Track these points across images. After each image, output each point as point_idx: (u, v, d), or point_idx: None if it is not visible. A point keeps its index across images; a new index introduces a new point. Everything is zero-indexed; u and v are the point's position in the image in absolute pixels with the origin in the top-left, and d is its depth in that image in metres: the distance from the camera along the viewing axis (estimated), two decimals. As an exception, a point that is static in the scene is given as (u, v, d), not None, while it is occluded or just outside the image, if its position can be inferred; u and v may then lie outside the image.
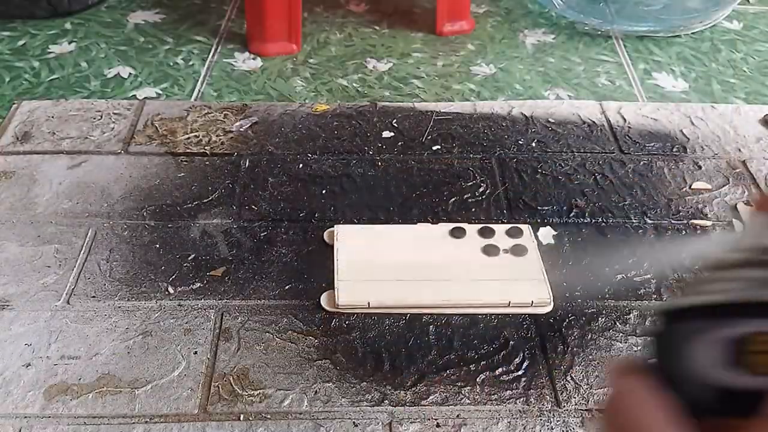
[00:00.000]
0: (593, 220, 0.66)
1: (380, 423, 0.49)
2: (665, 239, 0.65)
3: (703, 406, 0.19)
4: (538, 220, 0.66)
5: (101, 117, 0.78)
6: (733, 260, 0.20)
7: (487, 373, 0.53)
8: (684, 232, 0.66)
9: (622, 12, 1.01)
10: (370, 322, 0.56)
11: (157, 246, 0.63)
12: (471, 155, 0.74)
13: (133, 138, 0.75)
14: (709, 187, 0.71)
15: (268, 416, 0.50)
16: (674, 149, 0.76)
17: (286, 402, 0.50)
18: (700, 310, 0.19)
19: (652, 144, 0.76)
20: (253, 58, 0.92)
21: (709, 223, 0.67)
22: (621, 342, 0.56)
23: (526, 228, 0.63)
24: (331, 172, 0.71)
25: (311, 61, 0.92)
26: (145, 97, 0.83)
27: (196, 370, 0.52)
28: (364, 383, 0.52)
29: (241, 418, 0.49)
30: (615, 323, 0.57)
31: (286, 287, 0.59)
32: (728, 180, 0.72)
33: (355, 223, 0.65)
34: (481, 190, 0.69)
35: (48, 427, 0.49)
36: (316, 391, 0.51)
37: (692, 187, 0.71)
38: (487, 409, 0.50)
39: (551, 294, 0.57)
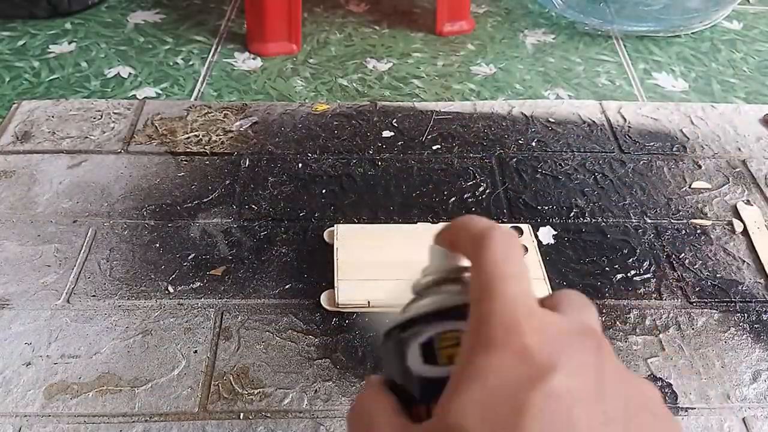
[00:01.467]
0: (593, 220, 0.66)
1: (380, 422, 0.49)
2: (663, 238, 0.65)
3: (416, 398, 0.24)
4: (538, 220, 0.66)
5: (101, 117, 0.78)
6: (425, 283, 0.27)
7: (487, 372, 0.53)
8: (684, 231, 0.66)
9: (622, 12, 1.01)
10: (370, 321, 0.56)
11: (157, 245, 0.63)
12: (471, 155, 0.74)
13: (133, 137, 0.75)
14: (709, 186, 0.71)
15: (268, 415, 0.50)
16: (674, 149, 0.76)
17: (286, 401, 0.50)
18: (402, 325, 0.25)
19: (652, 143, 0.76)
20: (253, 58, 0.92)
21: (708, 222, 0.67)
22: (621, 341, 0.56)
23: (526, 227, 0.63)
24: (331, 172, 0.71)
25: (311, 61, 0.92)
26: (145, 97, 0.83)
27: (196, 368, 0.52)
28: (364, 382, 0.52)
29: (241, 416, 0.49)
30: (615, 322, 0.57)
31: (286, 286, 0.59)
32: (728, 179, 0.72)
33: (355, 223, 0.65)
34: (481, 189, 0.69)
35: (48, 426, 0.49)
36: (316, 390, 0.51)
37: (692, 186, 0.71)
38: (487, 408, 0.50)
39: (551, 293, 0.57)
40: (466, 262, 0.27)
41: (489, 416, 0.22)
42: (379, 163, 0.72)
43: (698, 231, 0.66)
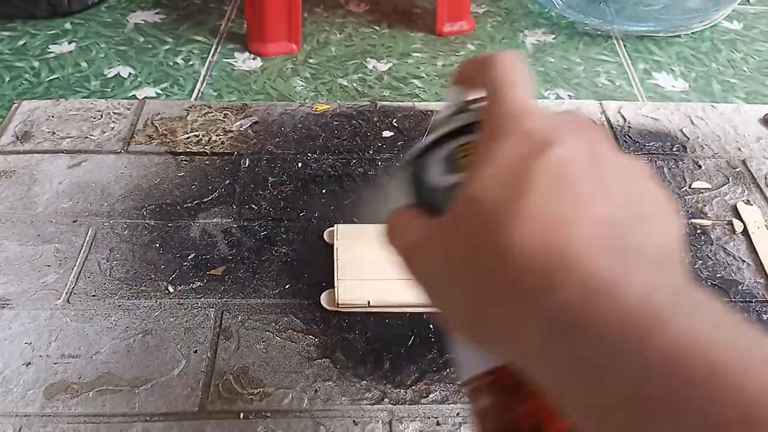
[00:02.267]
0: (593, 220, 0.66)
1: (380, 421, 0.49)
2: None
3: (439, 208, 0.27)
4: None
5: (101, 116, 0.78)
6: (442, 116, 0.30)
7: (487, 371, 0.53)
8: (684, 231, 0.66)
9: (622, 12, 1.01)
10: (370, 321, 0.56)
11: (157, 245, 0.63)
12: (471, 155, 0.74)
13: (133, 137, 0.75)
14: (709, 186, 0.71)
15: (268, 415, 0.50)
16: (674, 149, 0.76)
17: (286, 400, 0.50)
18: (427, 147, 0.29)
19: (652, 143, 0.76)
20: (253, 58, 0.92)
21: (709, 222, 0.67)
22: (621, 341, 0.56)
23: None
24: (331, 172, 0.71)
25: (311, 61, 0.92)
26: (145, 97, 0.83)
27: (196, 368, 0.52)
28: (365, 382, 0.52)
29: (241, 416, 0.49)
30: (615, 322, 0.57)
31: (286, 286, 0.59)
32: (728, 179, 0.72)
33: (355, 223, 0.65)
34: (481, 189, 0.69)
35: (48, 426, 0.49)
36: (316, 390, 0.51)
37: (692, 186, 0.71)
38: (487, 408, 0.50)
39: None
40: (478, 95, 0.30)
41: (502, 184, 0.26)
42: (380, 163, 0.72)
43: (698, 231, 0.66)
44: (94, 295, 0.58)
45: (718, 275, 0.61)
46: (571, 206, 0.25)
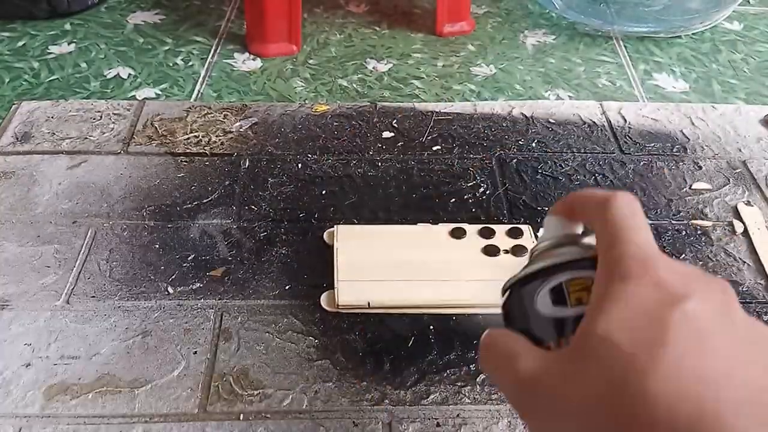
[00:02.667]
0: (593, 220, 0.66)
1: (380, 422, 0.49)
2: (665, 239, 0.65)
3: (544, 339, 0.28)
4: (539, 220, 0.66)
5: (101, 117, 0.78)
6: (545, 246, 0.31)
7: (488, 373, 0.53)
8: (684, 232, 0.66)
9: (622, 13, 1.01)
10: (370, 323, 0.56)
11: (157, 246, 0.62)
12: (471, 155, 0.74)
13: (133, 138, 0.75)
14: (710, 187, 0.71)
15: (268, 416, 0.49)
16: (674, 149, 0.76)
17: (286, 402, 0.50)
18: (534, 275, 0.29)
19: (653, 144, 0.76)
20: (253, 59, 0.92)
21: (709, 223, 0.67)
22: (621, 342, 0.55)
23: (526, 228, 0.63)
24: (331, 173, 0.71)
25: (311, 61, 0.92)
26: (144, 98, 0.83)
27: (196, 369, 0.52)
28: (364, 383, 0.52)
29: (241, 417, 0.49)
30: (615, 323, 0.57)
31: (286, 287, 0.59)
32: (729, 180, 0.72)
33: (355, 224, 0.65)
34: (481, 190, 0.69)
35: (48, 427, 0.48)
36: (316, 391, 0.51)
37: (692, 187, 0.71)
38: (487, 409, 0.50)
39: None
40: (579, 230, 0.31)
41: (634, 329, 0.25)
42: (379, 164, 0.72)
43: (699, 232, 0.66)
44: (93, 296, 0.58)
45: (718, 276, 0.61)
46: (713, 364, 0.25)
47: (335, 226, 0.63)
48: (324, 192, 0.69)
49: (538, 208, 0.67)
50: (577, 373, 0.26)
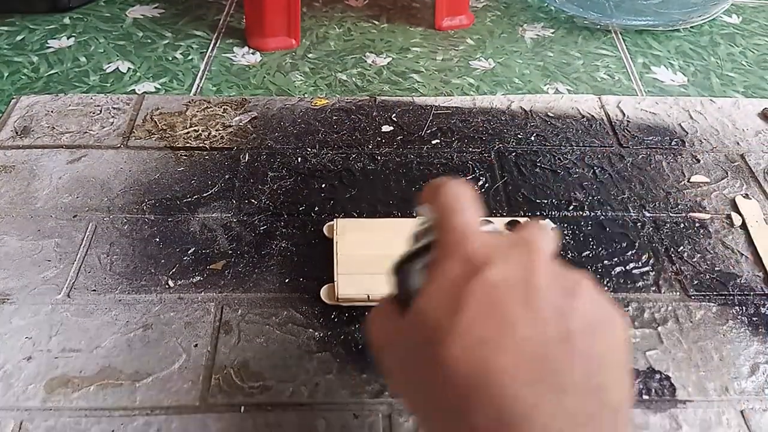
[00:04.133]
0: (592, 213, 0.67)
1: (380, 414, 0.50)
2: (663, 232, 0.65)
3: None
4: (537, 213, 0.66)
5: (100, 111, 0.78)
6: (419, 230, 0.37)
7: (487, 365, 0.53)
8: (682, 224, 0.66)
9: (621, 6, 1.01)
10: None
11: (157, 240, 0.63)
12: (470, 149, 0.74)
13: (133, 132, 0.75)
14: (708, 180, 0.71)
15: (269, 408, 0.50)
16: (673, 143, 0.76)
17: (287, 394, 0.51)
18: (408, 257, 0.35)
19: (651, 138, 0.76)
20: (252, 53, 0.92)
21: (707, 216, 0.67)
22: (620, 334, 0.56)
23: (525, 221, 0.63)
24: (331, 166, 0.71)
25: (310, 55, 0.92)
26: (144, 92, 0.83)
27: (197, 362, 0.53)
28: (365, 375, 0.52)
29: (242, 409, 0.50)
30: (614, 315, 0.57)
31: (286, 280, 0.59)
32: (727, 173, 0.72)
33: (354, 217, 0.65)
34: (480, 183, 0.70)
35: (49, 420, 0.49)
36: (316, 383, 0.51)
37: (691, 180, 0.71)
38: (487, 401, 0.50)
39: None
40: None
41: (440, 302, 0.29)
42: (379, 158, 0.72)
43: (697, 224, 0.66)
44: (94, 290, 0.58)
45: (716, 268, 0.62)
46: (498, 327, 0.28)
47: (335, 220, 0.63)
48: (324, 185, 0.69)
49: (537, 201, 0.68)
50: (405, 337, 0.31)
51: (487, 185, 0.69)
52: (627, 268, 0.61)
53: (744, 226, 0.66)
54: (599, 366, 0.28)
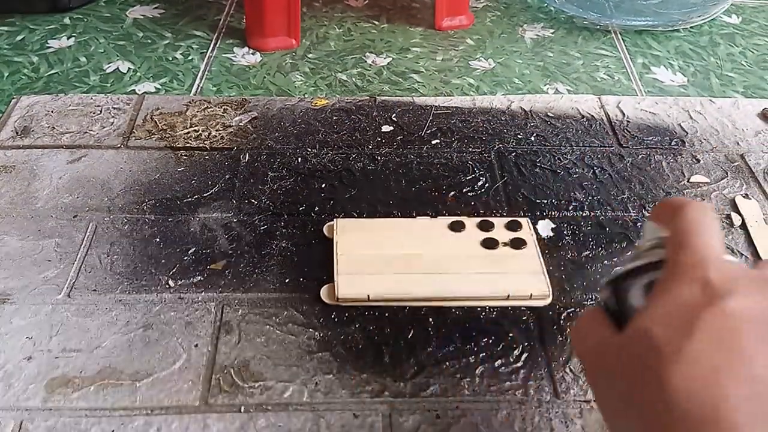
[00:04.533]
0: (592, 213, 0.67)
1: (380, 414, 0.50)
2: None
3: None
4: (537, 213, 0.66)
5: (101, 111, 0.78)
6: (643, 248, 0.36)
7: (486, 365, 0.53)
8: None
9: (620, 6, 1.01)
10: (370, 315, 0.56)
11: (158, 240, 0.63)
12: (470, 149, 0.74)
13: (133, 132, 0.75)
14: (708, 180, 0.71)
15: (269, 408, 0.50)
16: (672, 143, 0.76)
17: (287, 394, 0.51)
18: (630, 273, 0.34)
19: (651, 138, 0.76)
20: (253, 53, 0.92)
21: (707, 216, 0.67)
22: (619, 334, 0.56)
23: (524, 221, 0.63)
24: (331, 167, 0.71)
25: (310, 56, 0.92)
26: (144, 92, 0.83)
27: (197, 362, 0.53)
28: (364, 375, 0.52)
29: (242, 409, 0.50)
30: (614, 315, 0.57)
31: (286, 280, 0.59)
32: (726, 173, 0.72)
33: (354, 217, 0.65)
34: (480, 183, 0.70)
35: (50, 420, 0.49)
36: (316, 383, 0.51)
37: (690, 180, 0.71)
38: (487, 401, 0.51)
39: (550, 286, 0.58)
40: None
41: (669, 324, 0.28)
42: (379, 158, 0.72)
43: (696, 225, 0.66)
44: (94, 290, 0.58)
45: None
46: (730, 359, 0.26)
47: (335, 220, 0.64)
48: (324, 185, 0.69)
49: (537, 201, 0.68)
50: (620, 354, 0.30)
51: (487, 185, 0.69)
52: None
53: (744, 226, 0.66)
54: None
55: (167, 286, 0.59)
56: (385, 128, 0.76)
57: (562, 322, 0.56)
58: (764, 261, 0.33)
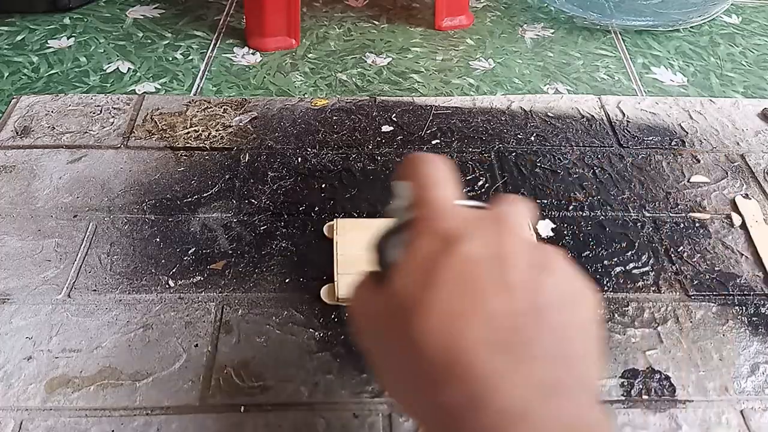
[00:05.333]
0: (592, 213, 0.67)
1: (380, 414, 0.50)
2: (663, 231, 0.65)
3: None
4: (537, 213, 0.66)
5: (100, 111, 0.78)
6: (397, 206, 0.36)
7: (487, 364, 0.53)
8: (682, 224, 0.66)
9: (620, 6, 1.01)
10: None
11: (158, 239, 0.63)
12: (470, 149, 0.74)
13: (133, 132, 0.75)
14: (708, 180, 0.71)
15: (269, 408, 0.50)
16: (673, 143, 0.76)
17: (287, 394, 0.51)
18: (388, 233, 0.35)
19: (651, 138, 0.76)
20: (252, 53, 0.92)
21: (707, 216, 0.67)
22: (619, 334, 0.56)
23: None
24: (331, 167, 0.71)
25: (310, 56, 0.92)
26: (144, 92, 0.83)
27: (197, 362, 0.53)
28: (364, 375, 0.52)
29: (242, 409, 0.50)
30: (613, 315, 0.57)
31: (286, 280, 0.59)
32: (726, 173, 0.72)
33: (354, 217, 0.65)
34: (480, 183, 0.70)
35: (49, 420, 0.49)
36: (316, 383, 0.51)
37: (691, 180, 0.71)
38: (487, 401, 0.51)
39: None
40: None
41: (411, 278, 0.30)
42: (379, 158, 0.72)
43: (697, 224, 0.66)
44: (94, 290, 0.58)
45: (716, 268, 0.62)
46: (469, 301, 0.28)
47: (335, 220, 0.64)
48: (324, 185, 0.69)
49: (537, 201, 0.68)
50: (380, 315, 0.32)
51: (487, 185, 0.69)
52: (627, 268, 0.61)
53: (744, 226, 0.66)
54: (569, 339, 0.29)
55: (167, 286, 0.59)
56: (385, 128, 0.76)
57: (562, 322, 0.56)
58: (497, 199, 0.34)
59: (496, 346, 0.27)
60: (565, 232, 0.65)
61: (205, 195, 0.67)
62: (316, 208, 0.66)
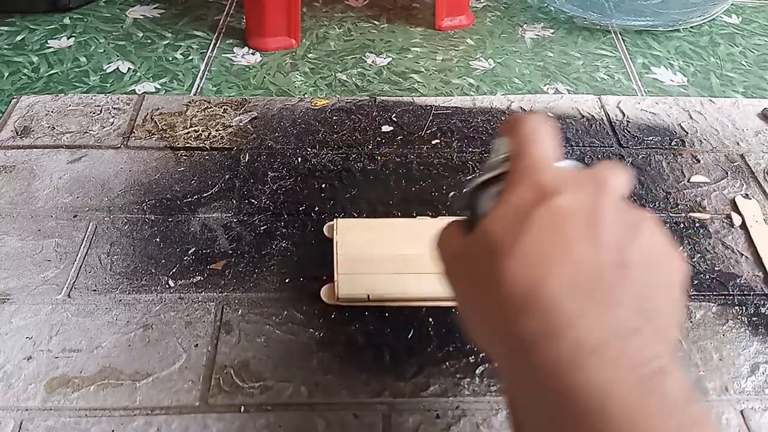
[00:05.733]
0: (592, 214, 0.66)
1: (380, 414, 0.50)
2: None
3: None
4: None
5: (100, 111, 0.78)
6: (494, 160, 0.37)
7: (487, 364, 0.53)
8: (682, 224, 0.66)
9: (620, 6, 1.01)
10: (370, 315, 0.56)
11: (158, 239, 0.63)
12: (470, 149, 0.74)
13: (133, 132, 0.75)
14: (708, 180, 0.71)
15: (269, 408, 0.50)
16: (673, 143, 0.76)
17: (287, 393, 0.51)
18: (481, 184, 0.36)
19: (651, 138, 0.76)
20: (252, 53, 0.92)
21: (707, 216, 0.67)
22: (620, 334, 0.56)
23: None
24: (331, 167, 0.71)
25: (310, 56, 0.92)
26: (144, 92, 0.83)
27: (197, 362, 0.53)
28: (364, 375, 0.52)
29: (242, 409, 0.50)
30: (614, 315, 0.57)
31: (287, 280, 0.59)
32: (726, 173, 0.72)
33: (354, 217, 0.65)
34: (480, 183, 0.70)
35: (49, 420, 0.49)
36: (316, 383, 0.51)
37: (691, 180, 0.71)
38: (487, 401, 0.51)
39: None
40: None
41: (505, 223, 0.31)
42: (379, 158, 0.72)
43: (697, 224, 0.66)
44: (94, 290, 0.58)
45: (716, 268, 0.62)
46: (558, 248, 0.29)
47: (335, 220, 0.64)
48: (324, 185, 0.69)
49: (537, 202, 0.67)
50: (468, 254, 0.33)
51: (487, 185, 0.69)
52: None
53: (744, 226, 0.66)
54: (651, 296, 0.30)
55: (167, 286, 0.59)
56: (385, 128, 0.76)
57: (562, 322, 0.56)
58: (598, 164, 0.35)
59: (578, 289, 0.28)
60: (565, 232, 0.64)
61: (205, 195, 0.67)
62: (316, 208, 0.66)
